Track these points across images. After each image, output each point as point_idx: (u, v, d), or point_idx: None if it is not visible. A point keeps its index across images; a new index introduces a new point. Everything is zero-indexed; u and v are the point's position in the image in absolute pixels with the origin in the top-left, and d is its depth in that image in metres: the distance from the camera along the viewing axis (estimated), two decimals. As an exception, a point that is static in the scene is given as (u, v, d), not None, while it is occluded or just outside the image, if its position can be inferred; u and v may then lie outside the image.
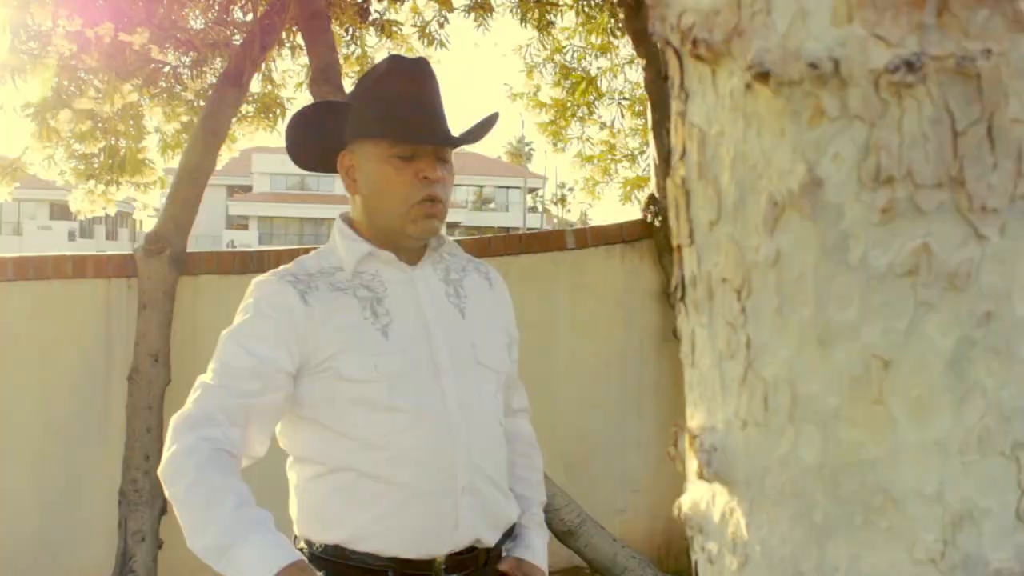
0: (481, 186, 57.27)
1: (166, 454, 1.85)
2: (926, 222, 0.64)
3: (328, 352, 1.88)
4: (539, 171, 58.35)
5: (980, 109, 0.62)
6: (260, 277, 1.99)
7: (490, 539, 1.97)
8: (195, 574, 4.84)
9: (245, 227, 51.15)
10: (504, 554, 2.05)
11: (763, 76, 0.66)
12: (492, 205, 57.32)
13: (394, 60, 2.06)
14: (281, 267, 2.00)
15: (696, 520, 0.86)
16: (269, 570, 1.69)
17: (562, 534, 4.43)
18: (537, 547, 2.09)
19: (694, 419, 0.85)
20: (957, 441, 0.68)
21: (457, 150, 2.06)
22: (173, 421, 1.88)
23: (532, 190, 58.41)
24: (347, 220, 2.04)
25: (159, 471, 1.88)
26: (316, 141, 2.05)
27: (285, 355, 1.89)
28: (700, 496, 0.86)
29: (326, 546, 1.90)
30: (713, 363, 0.80)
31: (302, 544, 1.96)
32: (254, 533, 1.74)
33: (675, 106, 0.79)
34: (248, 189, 52.89)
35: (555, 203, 48.10)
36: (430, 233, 1.98)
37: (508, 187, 56.54)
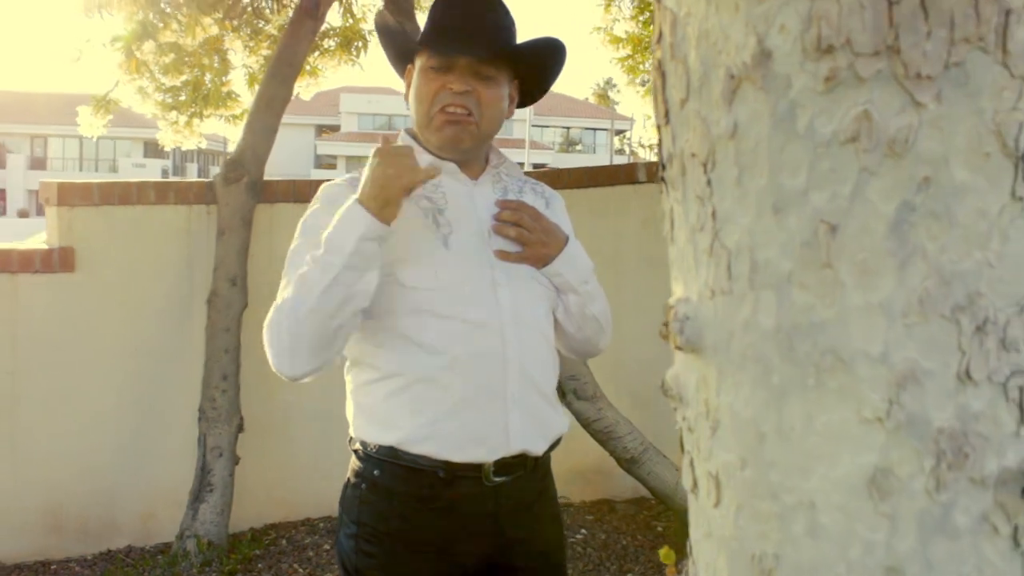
0: (568, 128, 56.97)
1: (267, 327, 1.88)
2: (866, 90, 0.68)
3: (389, 259, 1.90)
4: (627, 114, 57.71)
5: (913, -22, 0.65)
6: (330, 181, 2.03)
7: (538, 449, 2.01)
8: (269, 489, 5.06)
9: (333, 166, 51.57)
10: None
11: (717, -47, 0.70)
12: (579, 147, 57.01)
13: None
14: (351, 174, 2.03)
15: (676, 390, 0.91)
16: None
17: (625, 461, 4.47)
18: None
19: (674, 293, 0.89)
20: (900, 304, 0.72)
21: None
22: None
23: (619, 132, 57.88)
24: (411, 133, 2.07)
25: (268, 327, 1.88)
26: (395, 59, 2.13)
27: None
28: (681, 368, 0.91)
29: (380, 447, 1.95)
30: (687, 237, 0.84)
31: (357, 445, 2.00)
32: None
33: (654, -8, 0.83)
34: (336, 129, 53.30)
35: (642, 145, 47.59)
36: (452, 142, 1.97)
37: (595, 128, 56.18)
